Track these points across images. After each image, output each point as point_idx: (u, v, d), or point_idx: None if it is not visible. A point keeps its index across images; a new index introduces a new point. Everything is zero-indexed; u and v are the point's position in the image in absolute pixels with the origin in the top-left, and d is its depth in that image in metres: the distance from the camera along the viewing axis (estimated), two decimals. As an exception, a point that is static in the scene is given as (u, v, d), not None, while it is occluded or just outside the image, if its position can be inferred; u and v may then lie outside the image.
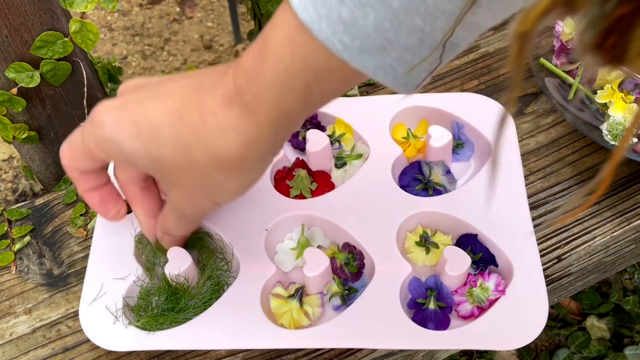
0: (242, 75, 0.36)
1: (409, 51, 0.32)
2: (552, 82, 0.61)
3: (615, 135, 0.56)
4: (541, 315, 0.49)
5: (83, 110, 0.65)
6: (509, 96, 0.26)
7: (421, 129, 0.61)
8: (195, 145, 0.38)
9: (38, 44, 0.57)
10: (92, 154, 0.43)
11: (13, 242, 0.60)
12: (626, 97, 0.57)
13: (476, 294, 0.51)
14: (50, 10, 0.57)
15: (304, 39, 0.33)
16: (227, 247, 0.54)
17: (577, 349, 1.03)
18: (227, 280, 0.53)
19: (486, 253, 0.53)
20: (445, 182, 0.57)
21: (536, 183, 0.60)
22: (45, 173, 0.70)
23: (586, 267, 0.58)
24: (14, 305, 0.56)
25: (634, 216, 0.58)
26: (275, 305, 0.51)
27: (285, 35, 0.33)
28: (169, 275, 0.51)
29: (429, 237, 0.54)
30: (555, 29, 0.62)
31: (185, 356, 0.52)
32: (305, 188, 0.57)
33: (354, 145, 0.60)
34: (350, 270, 0.53)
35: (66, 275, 0.58)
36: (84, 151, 0.44)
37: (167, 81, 0.41)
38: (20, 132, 0.63)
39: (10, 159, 1.35)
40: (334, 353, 0.52)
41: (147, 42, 1.56)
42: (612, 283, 1.10)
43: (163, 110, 0.39)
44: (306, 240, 0.55)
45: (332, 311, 0.52)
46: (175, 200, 0.44)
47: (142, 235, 0.54)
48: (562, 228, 0.57)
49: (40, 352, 0.54)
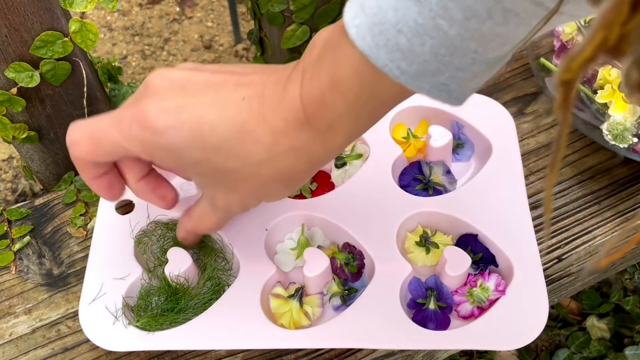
0: (312, 104, 0.37)
1: (462, 70, 0.34)
2: (552, 82, 0.61)
3: (615, 135, 0.56)
4: (541, 315, 0.49)
5: (83, 110, 0.65)
6: (557, 148, 0.27)
7: (421, 129, 0.61)
8: (265, 162, 0.40)
9: (38, 43, 0.57)
10: (126, 152, 0.41)
11: (13, 242, 0.60)
12: (626, 97, 0.57)
13: (476, 294, 0.51)
14: (50, 10, 0.56)
15: (368, 71, 0.34)
16: (227, 247, 0.54)
17: (577, 349, 1.03)
18: (227, 281, 0.53)
19: (486, 253, 0.53)
20: (445, 182, 0.57)
21: (536, 183, 0.60)
22: (45, 173, 0.70)
23: (586, 267, 0.58)
24: (14, 305, 0.56)
25: (634, 216, 0.58)
26: (275, 305, 0.51)
27: (353, 69, 0.35)
28: (169, 275, 0.51)
29: (429, 237, 0.54)
30: (555, 28, 0.62)
31: (185, 356, 0.52)
32: (305, 188, 0.57)
33: (354, 145, 0.60)
34: (350, 270, 0.53)
35: (66, 275, 0.58)
36: (115, 148, 0.41)
37: (217, 83, 0.40)
38: (20, 132, 0.63)
39: (10, 159, 1.35)
40: (334, 353, 0.52)
41: (147, 42, 1.56)
42: (612, 283, 1.10)
43: (229, 122, 0.39)
44: (306, 240, 0.55)
45: (332, 311, 0.52)
46: (223, 202, 0.44)
47: (142, 236, 0.54)
48: (562, 228, 0.57)
49: (40, 352, 0.54)
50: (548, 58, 0.63)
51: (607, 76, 0.58)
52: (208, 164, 0.40)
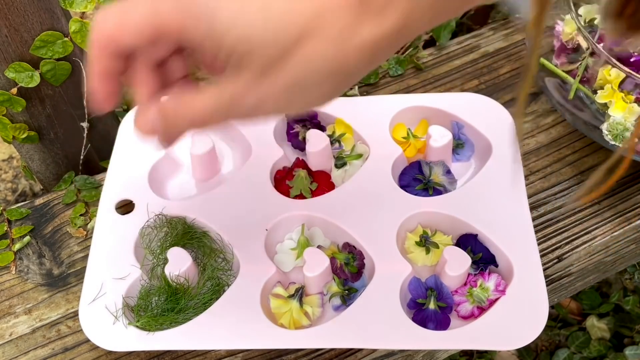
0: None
1: None
2: (552, 82, 0.61)
3: (615, 135, 0.56)
4: (541, 315, 0.48)
5: (83, 110, 0.65)
6: (527, 68, 0.26)
7: (421, 129, 0.61)
8: (311, 46, 0.34)
9: (38, 43, 0.57)
10: (154, 27, 0.35)
11: (13, 242, 0.60)
12: (626, 97, 0.57)
13: (476, 294, 0.51)
14: (50, 10, 0.56)
15: None
16: (227, 247, 0.54)
17: (577, 349, 1.03)
18: (227, 281, 0.53)
19: (486, 253, 0.53)
20: (445, 182, 0.57)
21: (536, 183, 0.60)
22: (45, 173, 0.70)
23: (586, 267, 0.58)
24: (14, 305, 0.56)
25: (634, 216, 0.58)
26: (275, 305, 0.51)
27: None
28: (169, 275, 0.51)
29: (429, 237, 0.54)
30: (555, 29, 0.62)
31: (185, 356, 0.52)
32: (305, 188, 0.57)
33: (354, 145, 0.60)
34: (350, 270, 0.53)
35: (66, 275, 0.58)
36: (144, 21, 0.35)
37: None
38: (20, 132, 0.63)
39: (10, 159, 1.35)
40: (334, 353, 0.52)
41: (147, 42, 1.56)
42: (612, 283, 1.10)
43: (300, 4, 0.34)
44: (306, 240, 0.55)
45: (332, 311, 0.52)
46: (236, 91, 0.37)
47: (146, 227, 0.54)
48: (562, 228, 0.57)
49: (40, 352, 0.54)
50: (548, 58, 0.63)
51: (607, 76, 0.58)
52: (276, 47, 0.35)
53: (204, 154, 0.58)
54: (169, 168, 0.60)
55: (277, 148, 0.59)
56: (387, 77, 0.70)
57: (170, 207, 0.56)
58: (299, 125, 0.61)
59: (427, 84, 0.68)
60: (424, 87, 0.68)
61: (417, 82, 0.69)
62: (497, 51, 0.70)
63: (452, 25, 0.71)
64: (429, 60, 0.70)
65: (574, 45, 0.59)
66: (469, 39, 0.72)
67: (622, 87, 0.59)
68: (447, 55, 0.71)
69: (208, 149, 0.58)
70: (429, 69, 0.70)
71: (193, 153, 0.58)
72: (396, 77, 0.69)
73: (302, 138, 0.60)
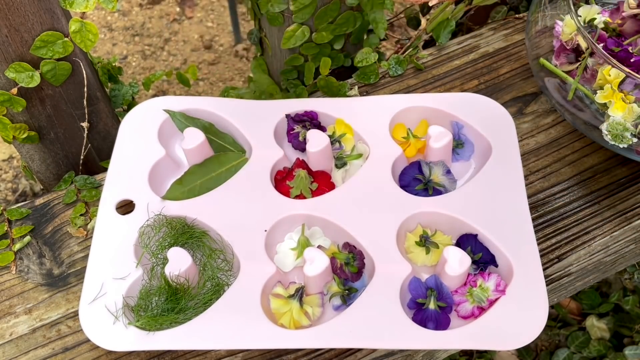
0: None
1: None
2: (552, 82, 0.61)
3: (615, 135, 0.56)
4: (541, 315, 0.49)
5: (83, 110, 0.65)
6: None
7: (421, 129, 0.61)
8: None
9: (38, 44, 0.57)
10: None
11: (13, 242, 0.60)
12: (626, 97, 0.57)
13: (476, 294, 0.51)
14: (50, 10, 0.57)
15: None
16: (227, 247, 0.54)
17: (577, 349, 1.03)
18: (227, 281, 0.53)
19: (486, 253, 0.53)
20: (445, 182, 0.57)
21: (536, 183, 0.60)
22: (45, 173, 0.70)
23: (586, 267, 0.58)
24: (14, 305, 0.56)
25: (633, 216, 0.58)
26: (276, 305, 0.51)
27: None
28: (169, 275, 0.51)
29: (429, 237, 0.54)
30: (555, 29, 0.62)
31: (185, 356, 0.52)
32: (306, 188, 0.57)
33: (354, 145, 0.60)
34: (351, 270, 0.53)
35: (66, 275, 0.58)
36: None
37: None
38: (20, 132, 0.63)
39: (10, 159, 1.35)
40: (334, 353, 0.52)
41: (147, 42, 1.56)
42: (612, 283, 1.10)
43: None
44: (306, 240, 0.55)
45: (332, 311, 0.52)
46: None
47: (146, 227, 0.54)
48: (561, 228, 0.57)
49: (40, 352, 0.54)
50: (547, 58, 0.63)
51: (606, 76, 0.58)
52: None
53: (195, 147, 0.58)
54: (169, 168, 0.60)
55: (278, 148, 0.59)
56: (387, 77, 0.70)
57: (170, 207, 0.56)
58: (299, 126, 0.61)
59: (427, 84, 0.68)
60: (424, 87, 0.68)
61: (417, 82, 0.69)
62: (497, 51, 0.70)
63: (452, 26, 0.72)
64: (428, 61, 0.70)
65: (574, 46, 0.59)
66: (469, 39, 0.72)
67: (621, 87, 0.59)
68: (447, 56, 0.71)
69: (199, 142, 0.58)
70: (428, 69, 0.70)
71: (185, 147, 0.58)
72: (396, 77, 0.69)
73: (302, 138, 0.60)
